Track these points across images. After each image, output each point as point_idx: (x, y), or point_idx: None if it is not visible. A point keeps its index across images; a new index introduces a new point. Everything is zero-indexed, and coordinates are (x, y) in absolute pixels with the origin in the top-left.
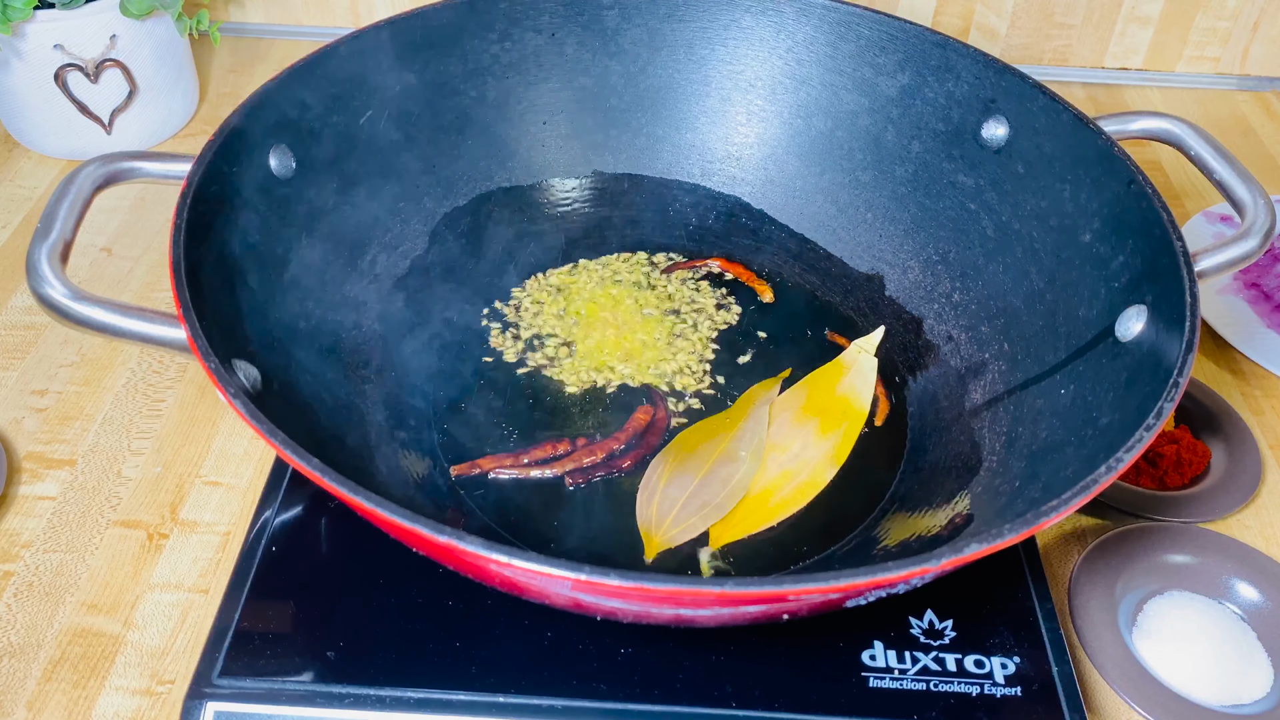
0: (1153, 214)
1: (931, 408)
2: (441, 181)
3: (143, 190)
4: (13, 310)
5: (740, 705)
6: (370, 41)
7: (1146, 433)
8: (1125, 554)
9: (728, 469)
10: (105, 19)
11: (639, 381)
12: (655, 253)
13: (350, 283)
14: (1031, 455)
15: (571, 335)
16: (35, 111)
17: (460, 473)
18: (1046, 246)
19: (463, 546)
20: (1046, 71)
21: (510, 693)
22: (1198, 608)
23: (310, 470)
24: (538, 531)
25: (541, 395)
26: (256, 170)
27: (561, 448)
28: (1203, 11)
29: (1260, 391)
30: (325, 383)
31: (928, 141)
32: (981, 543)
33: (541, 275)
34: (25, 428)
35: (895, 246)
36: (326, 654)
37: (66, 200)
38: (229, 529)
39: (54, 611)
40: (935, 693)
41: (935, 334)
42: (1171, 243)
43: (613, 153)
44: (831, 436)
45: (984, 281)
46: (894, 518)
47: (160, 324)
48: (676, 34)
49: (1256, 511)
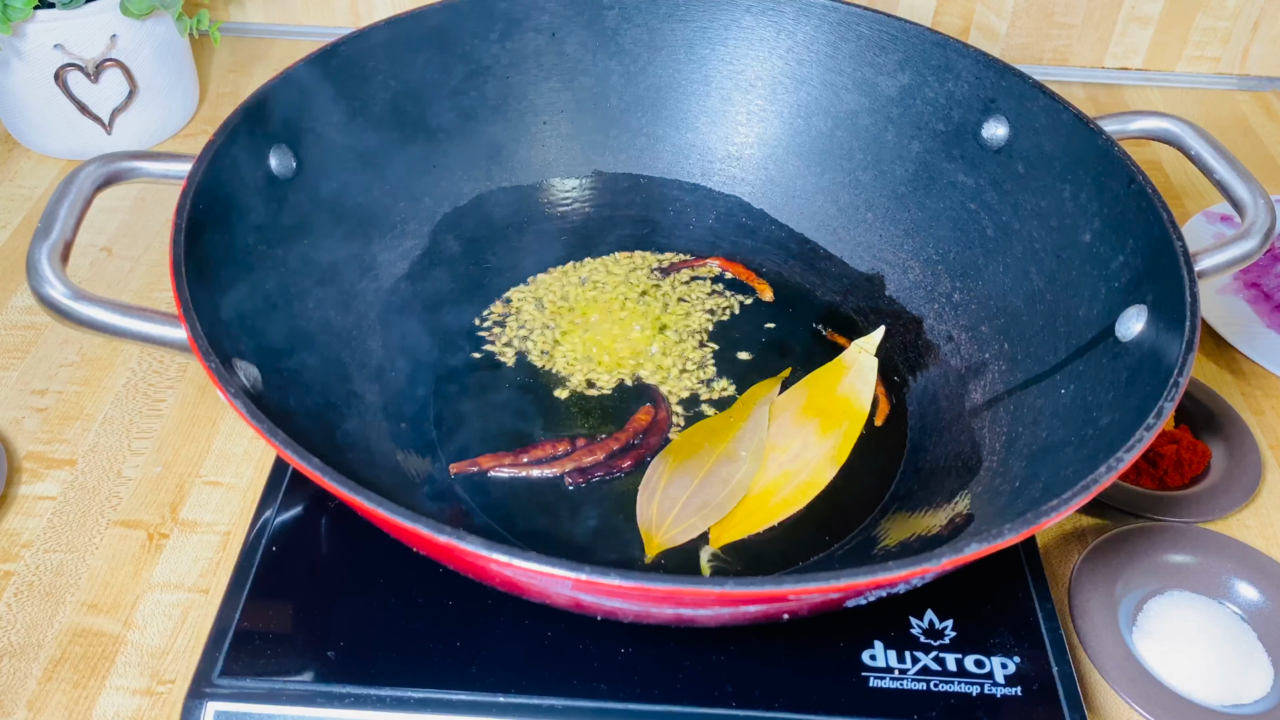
0: (1153, 214)
1: (931, 408)
2: (441, 181)
3: (143, 190)
4: (13, 310)
5: (740, 705)
6: (370, 41)
7: (1146, 433)
8: (1125, 554)
9: (728, 469)
10: (105, 19)
11: (638, 381)
12: (655, 252)
13: (350, 282)
14: (1031, 455)
15: (571, 335)
16: (35, 111)
17: (459, 471)
18: (1047, 246)
19: (463, 546)
20: (1046, 71)
21: (510, 693)
22: (1198, 607)
23: (310, 470)
24: (538, 531)
25: (541, 395)
26: (257, 170)
27: (561, 447)
28: (1203, 11)
29: (1260, 391)
30: (325, 382)
31: (928, 141)
32: (982, 543)
33: (542, 275)
34: (25, 427)
35: (895, 246)
36: (327, 654)
37: (67, 200)
38: (229, 529)
39: (54, 611)
40: (935, 692)
41: (935, 334)
42: (1171, 243)
43: (613, 153)
44: (832, 436)
45: (984, 281)
46: (894, 517)
47: (160, 324)
48: (677, 33)
49: (1256, 511)
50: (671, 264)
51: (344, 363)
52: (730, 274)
